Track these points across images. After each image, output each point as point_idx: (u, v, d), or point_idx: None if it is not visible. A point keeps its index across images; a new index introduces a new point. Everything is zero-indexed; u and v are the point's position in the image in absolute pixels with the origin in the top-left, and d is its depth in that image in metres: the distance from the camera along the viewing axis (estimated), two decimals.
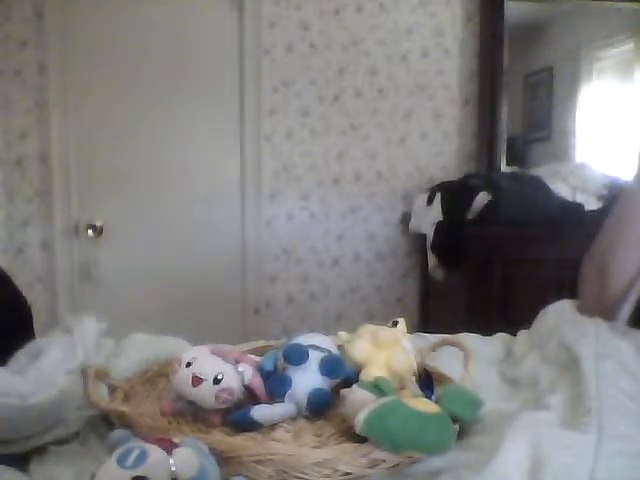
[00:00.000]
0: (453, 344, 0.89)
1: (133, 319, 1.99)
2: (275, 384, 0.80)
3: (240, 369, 0.78)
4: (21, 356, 0.81)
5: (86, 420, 0.76)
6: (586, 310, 0.94)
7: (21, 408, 0.66)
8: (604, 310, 0.91)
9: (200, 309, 2.49)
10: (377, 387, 0.71)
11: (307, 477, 0.61)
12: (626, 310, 0.89)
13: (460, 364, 0.83)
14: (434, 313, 2.55)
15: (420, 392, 0.73)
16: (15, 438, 0.69)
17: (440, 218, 2.26)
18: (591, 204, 2.28)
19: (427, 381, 0.73)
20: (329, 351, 0.85)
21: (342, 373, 0.83)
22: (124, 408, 0.73)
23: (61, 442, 0.73)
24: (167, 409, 0.78)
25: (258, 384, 0.79)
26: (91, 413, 0.76)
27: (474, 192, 2.21)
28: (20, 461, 0.69)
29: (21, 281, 2.39)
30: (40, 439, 0.70)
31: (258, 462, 0.61)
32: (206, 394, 0.74)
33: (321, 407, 0.80)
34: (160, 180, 2.48)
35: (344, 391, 0.77)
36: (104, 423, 0.76)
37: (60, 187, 2.39)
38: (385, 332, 0.86)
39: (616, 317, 0.89)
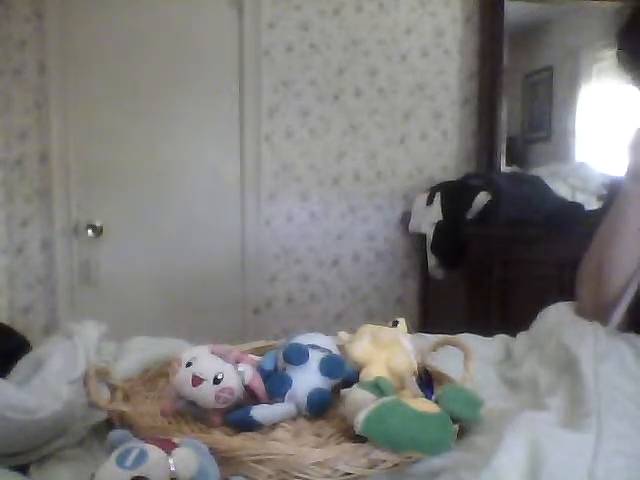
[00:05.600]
0: (453, 344, 0.89)
1: (133, 319, 2.00)
2: (275, 384, 0.80)
3: (240, 369, 0.78)
4: (22, 366, 0.80)
5: (90, 428, 0.76)
6: (583, 312, 0.94)
7: (27, 423, 0.66)
8: (600, 312, 0.91)
9: (200, 309, 2.49)
10: (377, 387, 0.71)
11: (307, 477, 0.61)
12: (619, 313, 0.89)
13: (460, 364, 0.83)
14: (434, 313, 2.55)
15: (420, 392, 0.73)
16: (20, 451, 0.69)
17: (440, 218, 2.26)
18: (591, 204, 2.28)
19: (427, 381, 0.73)
20: (329, 351, 0.85)
21: (342, 373, 0.83)
22: (124, 408, 0.73)
23: (62, 446, 0.73)
24: (167, 409, 0.78)
25: (258, 384, 0.79)
26: (95, 422, 0.76)
27: (474, 192, 2.21)
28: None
29: (21, 281, 2.41)
30: (44, 450, 0.70)
31: (258, 462, 0.61)
32: (206, 394, 0.74)
33: (321, 407, 0.80)
34: (160, 180, 2.48)
35: (344, 391, 0.77)
36: (106, 427, 0.75)
37: (60, 187, 2.39)
38: (385, 332, 0.86)
39: (609, 320, 0.89)
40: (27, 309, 2.43)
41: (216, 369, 0.75)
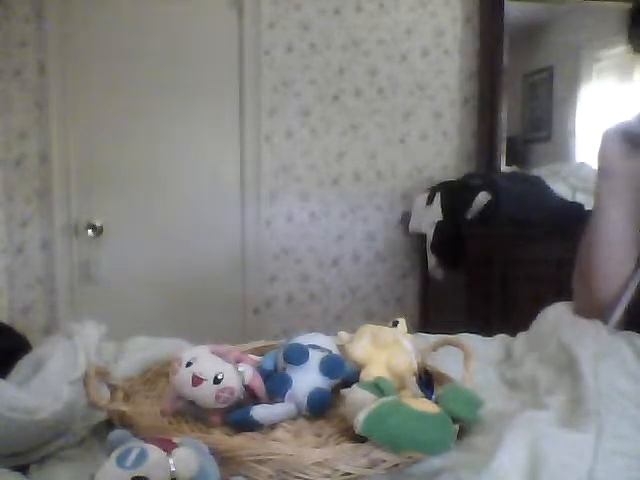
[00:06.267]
0: (453, 344, 0.89)
1: (133, 319, 2.00)
2: (275, 384, 0.80)
3: (240, 369, 0.78)
4: (23, 366, 0.80)
5: (90, 428, 0.76)
6: (580, 312, 0.94)
7: (28, 423, 0.66)
8: (596, 312, 0.91)
9: (200, 309, 2.49)
10: (377, 387, 0.71)
11: (307, 477, 0.61)
12: (618, 312, 0.89)
13: (460, 364, 0.83)
14: (434, 313, 2.55)
15: (420, 392, 0.73)
16: (20, 451, 0.69)
17: (440, 218, 2.26)
18: (591, 204, 2.28)
19: (427, 381, 0.73)
20: (329, 351, 0.86)
21: (342, 373, 0.83)
22: (124, 408, 0.72)
23: (62, 446, 0.73)
24: (167, 409, 0.78)
25: (258, 384, 0.79)
26: (95, 421, 0.77)
27: (474, 192, 2.21)
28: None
29: (21, 281, 2.41)
30: (44, 450, 0.71)
31: (258, 462, 0.61)
32: (206, 394, 0.74)
33: (321, 407, 0.80)
34: (160, 180, 2.48)
35: (344, 391, 0.77)
36: (106, 428, 0.75)
37: (60, 187, 2.39)
38: (385, 332, 0.86)
39: (608, 319, 0.89)
40: (27, 309, 2.43)
41: (216, 369, 0.75)
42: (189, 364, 0.76)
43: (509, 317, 2.05)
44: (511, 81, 2.61)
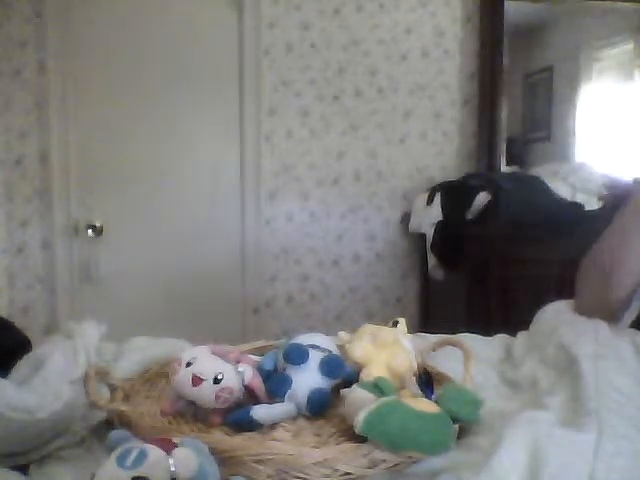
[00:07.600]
0: (453, 344, 0.89)
1: (133, 319, 2.00)
2: (275, 384, 0.80)
3: (240, 369, 0.78)
4: (23, 366, 0.80)
5: (90, 428, 0.76)
6: (585, 311, 0.94)
7: (29, 423, 0.67)
8: (606, 313, 0.91)
9: (200, 309, 2.49)
10: (377, 387, 0.71)
11: (307, 477, 0.61)
12: (629, 316, 0.89)
13: (460, 364, 0.83)
14: (434, 313, 2.55)
15: (420, 392, 0.73)
16: (20, 451, 0.69)
17: (440, 218, 2.26)
18: (591, 204, 2.28)
19: (427, 381, 0.73)
20: (329, 351, 0.86)
21: (342, 373, 0.83)
22: (124, 408, 0.73)
23: (62, 446, 0.73)
24: (167, 409, 0.78)
25: (258, 384, 0.79)
26: (95, 421, 0.77)
27: (474, 192, 2.21)
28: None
29: (21, 281, 2.41)
30: (45, 449, 0.71)
31: (258, 462, 0.61)
32: (206, 394, 0.74)
33: (321, 407, 0.80)
34: (160, 180, 2.48)
35: (344, 391, 0.77)
36: (106, 427, 0.76)
37: (60, 187, 2.39)
38: (385, 332, 0.86)
39: (618, 322, 0.89)
40: (27, 309, 2.43)
41: (216, 369, 0.75)
42: (189, 364, 0.76)
43: (509, 317, 2.05)
44: (511, 81, 2.61)
